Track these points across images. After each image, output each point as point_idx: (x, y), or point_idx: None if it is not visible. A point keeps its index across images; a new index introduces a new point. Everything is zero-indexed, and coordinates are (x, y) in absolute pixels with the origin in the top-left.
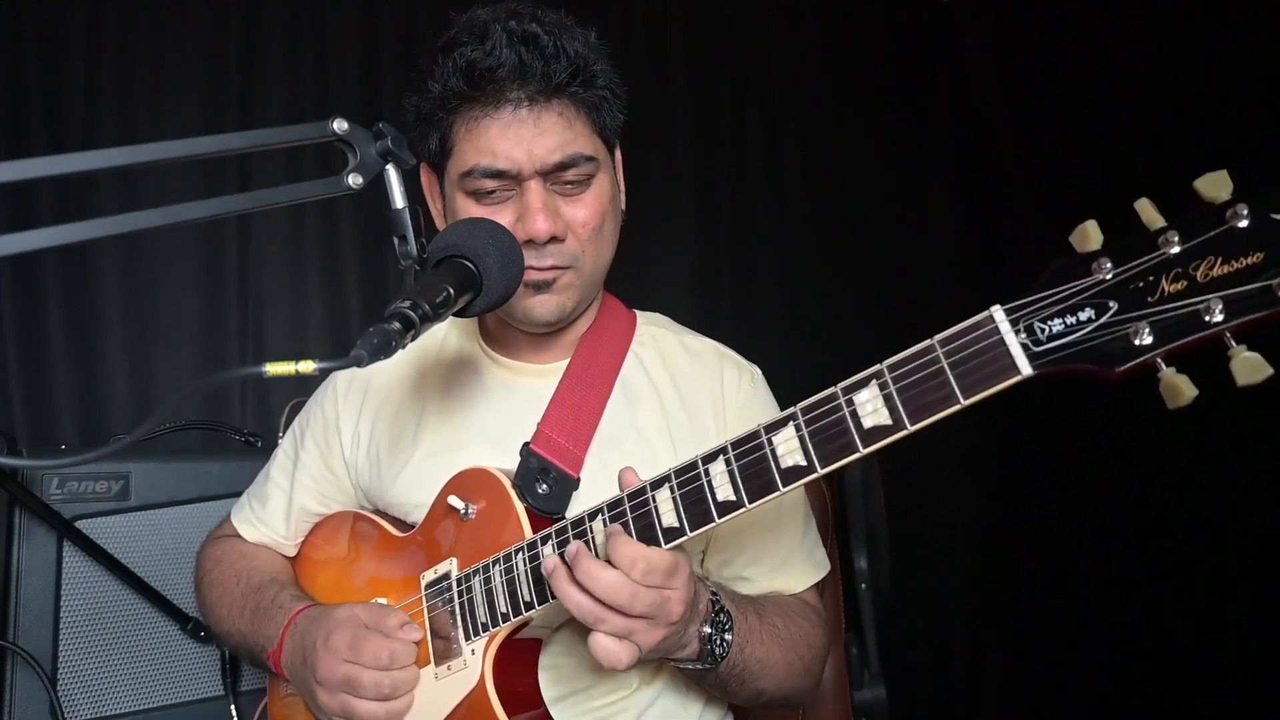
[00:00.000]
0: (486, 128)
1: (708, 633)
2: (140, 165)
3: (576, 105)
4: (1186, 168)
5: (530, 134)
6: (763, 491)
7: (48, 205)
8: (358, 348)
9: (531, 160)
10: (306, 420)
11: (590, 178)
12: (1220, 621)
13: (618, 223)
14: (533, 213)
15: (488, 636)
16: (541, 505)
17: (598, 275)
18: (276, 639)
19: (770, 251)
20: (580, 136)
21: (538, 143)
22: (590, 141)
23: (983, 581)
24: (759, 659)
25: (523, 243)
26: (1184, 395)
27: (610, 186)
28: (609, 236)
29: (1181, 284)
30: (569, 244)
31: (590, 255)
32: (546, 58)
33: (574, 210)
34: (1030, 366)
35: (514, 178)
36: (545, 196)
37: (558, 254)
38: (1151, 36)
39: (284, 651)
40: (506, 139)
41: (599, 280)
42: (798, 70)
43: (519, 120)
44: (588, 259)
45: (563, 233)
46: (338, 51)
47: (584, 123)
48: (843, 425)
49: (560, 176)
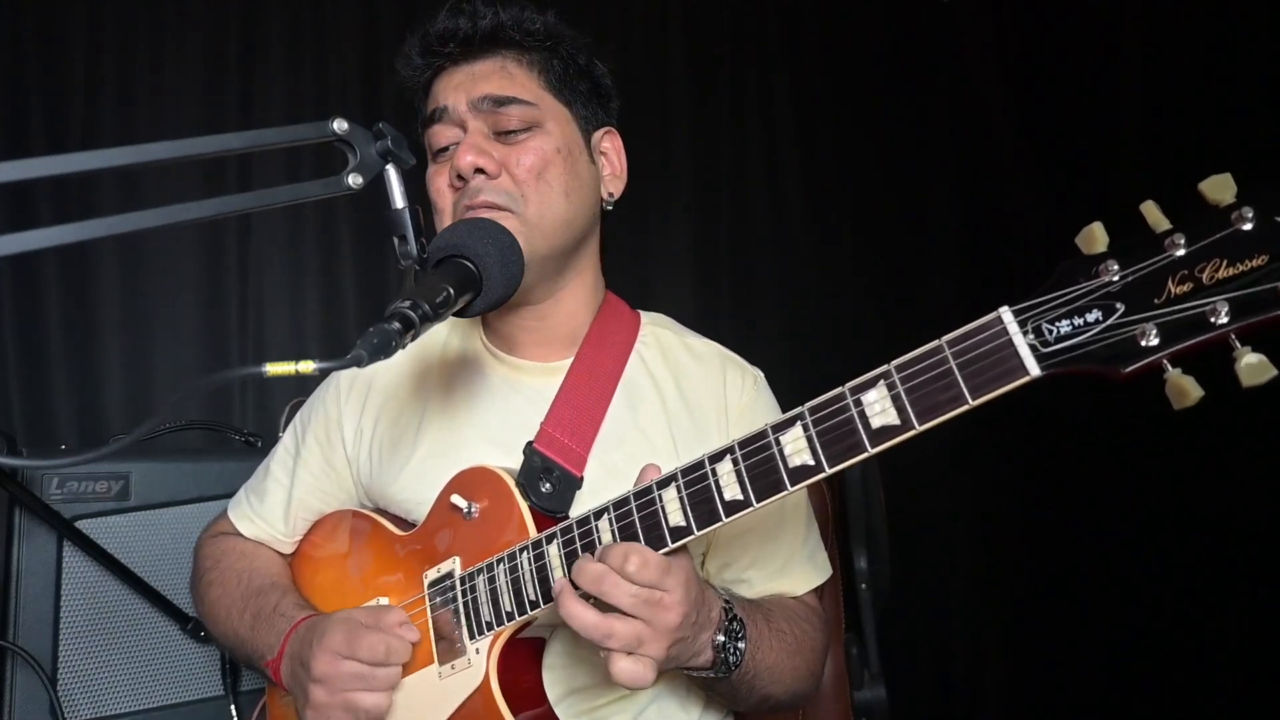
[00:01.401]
0: (434, 86)
1: (721, 641)
2: (140, 165)
3: (517, 61)
4: (1187, 167)
5: (466, 79)
6: (771, 491)
7: (47, 205)
8: (358, 348)
9: (468, 96)
10: (308, 417)
11: (533, 126)
12: (1221, 622)
13: (578, 182)
14: (462, 148)
15: (492, 635)
16: (545, 504)
17: (546, 229)
18: (277, 647)
19: (770, 251)
20: (519, 86)
21: (473, 86)
22: (530, 93)
23: (983, 581)
24: (769, 665)
25: (456, 185)
26: (1190, 396)
27: (563, 142)
28: (557, 188)
29: (1187, 286)
30: (503, 181)
31: (533, 202)
32: (477, 17)
33: (514, 154)
34: (1038, 367)
35: (457, 124)
36: (480, 139)
37: (489, 190)
38: (1152, 36)
39: (283, 659)
40: (447, 88)
41: (552, 239)
42: (797, 70)
43: (459, 72)
44: (530, 205)
45: (494, 170)
46: (338, 51)
47: (525, 74)
48: (851, 425)
49: (499, 120)
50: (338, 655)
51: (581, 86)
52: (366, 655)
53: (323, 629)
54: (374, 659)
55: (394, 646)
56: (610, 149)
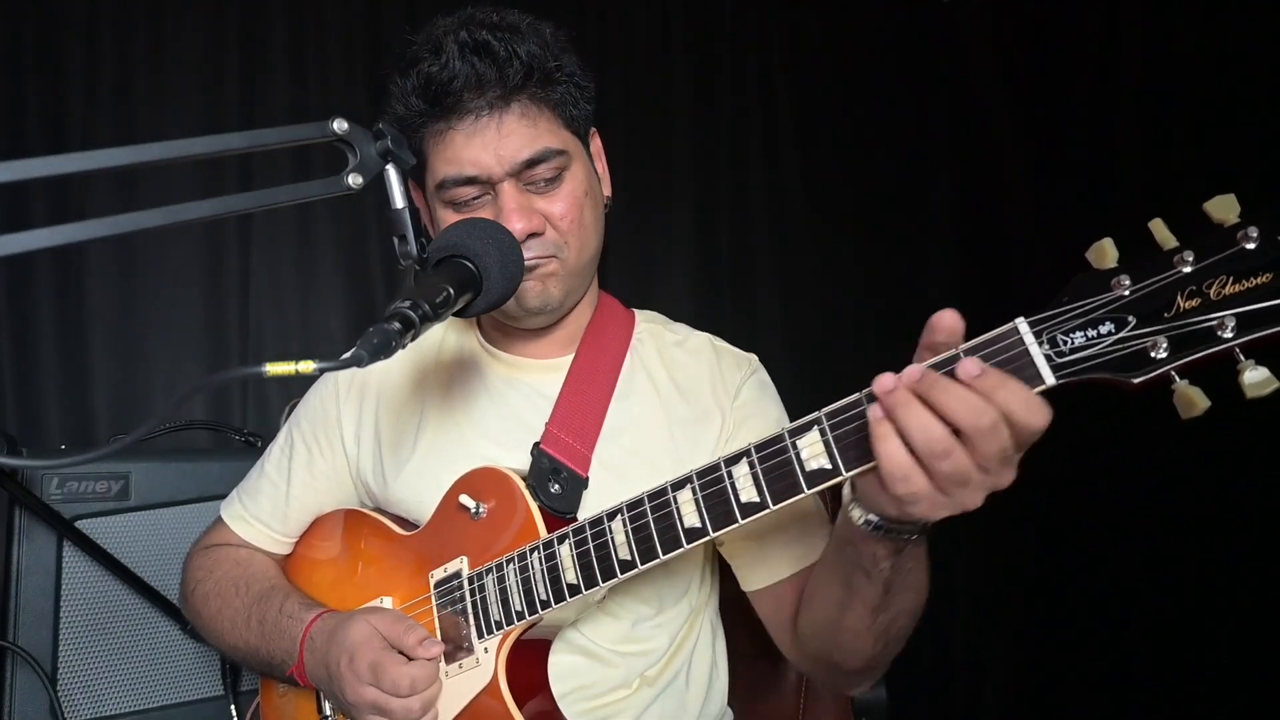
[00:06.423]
0: (451, 140)
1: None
2: (140, 165)
3: (538, 104)
4: (1185, 168)
5: (495, 138)
6: (787, 494)
7: (43, 206)
8: (358, 348)
9: (500, 163)
10: (304, 417)
11: (562, 171)
12: (1221, 622)
13: (599, 211)
14: (507, 213)
15: (501, 635)
16: (554, 505)
17: (583, 264)
18: (295, 653)
19: (770, 250)
20: (546, 133)
21: (504, 145)
22: (557, 136)
23: (983, 581)
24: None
25: None
26: (1197, 407)
27: (585, 176)
28: (590, 224)
29: (1196, 301)
30: (549, 235)
31: (574, 246)
32: (499, 63)
33: (550, 205)
34: (1053, 376)
35: (486, 183)
36: (519, 196)
37: (539, 246)
38: (1151, 36)
39: (305, 665)
40: (472, 147)
41: (586, 270)
42: (798, 69)
43: (481, 127)
44: (571, 249)
45: (540, 227)
46: (339, 51)
47: (548, 119)
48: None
49: (531, 175)
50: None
51: (583, 102)
52: (390, 689)
53: (349, 650)
54: (398, 693)
55: (418, 678)
56: (596, 151)
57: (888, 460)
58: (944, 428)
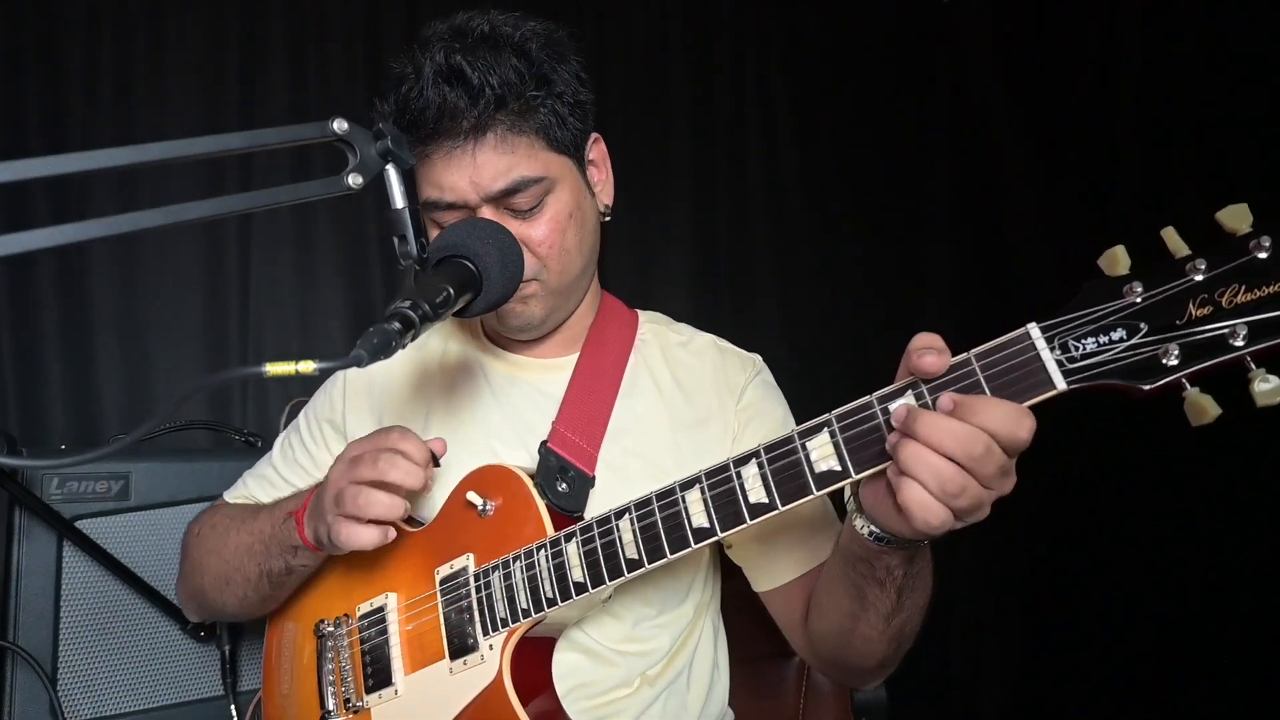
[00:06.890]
0: (431, 162)
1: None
2: (140, 165)
3: (515, 131)
4: (1185, 168)
5: (470, 167)
6: (796, 495)
7: (44, 206)
8: (358, 348)
9: (477, 189)
10: (311, 413)
11: (545, 196)
12: (1222, 622)
13: (587, 227)
14: None
15: (506, 632)
16: (562, 504)
17: (565, 284)
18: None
19: (769, 251)
20: (524, 160)
21: (479, 174)
22: (537, 161)
23: (982, 582)
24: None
25: None
26: (1209, 414)
27: (571, 197)
28: (574, 246)
29: (1207, 309)
30: (528, 260)
31: (554, 269)
32: (472, 94)
33: (530, 230)
34: (1065, 382)
35: (465, 207)
36: (498, 220)
37: None
38: (1151, 36)
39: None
40: (450, 172)
41: (570, 288)
42: (797, 69)
43: (457, 155)
44: (551, 273)
45: None
46: (339, 51)
47: (528, 144)
48: (879, 433)
49: (509, 203)
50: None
51: (573, 119)
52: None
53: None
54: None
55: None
56: (598, 157)
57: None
58: (953, 465)
